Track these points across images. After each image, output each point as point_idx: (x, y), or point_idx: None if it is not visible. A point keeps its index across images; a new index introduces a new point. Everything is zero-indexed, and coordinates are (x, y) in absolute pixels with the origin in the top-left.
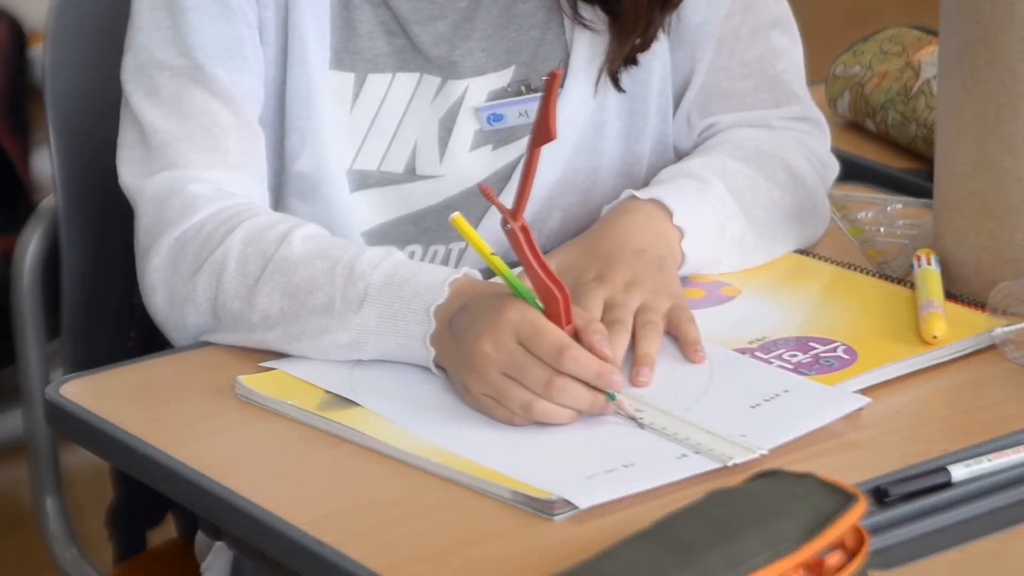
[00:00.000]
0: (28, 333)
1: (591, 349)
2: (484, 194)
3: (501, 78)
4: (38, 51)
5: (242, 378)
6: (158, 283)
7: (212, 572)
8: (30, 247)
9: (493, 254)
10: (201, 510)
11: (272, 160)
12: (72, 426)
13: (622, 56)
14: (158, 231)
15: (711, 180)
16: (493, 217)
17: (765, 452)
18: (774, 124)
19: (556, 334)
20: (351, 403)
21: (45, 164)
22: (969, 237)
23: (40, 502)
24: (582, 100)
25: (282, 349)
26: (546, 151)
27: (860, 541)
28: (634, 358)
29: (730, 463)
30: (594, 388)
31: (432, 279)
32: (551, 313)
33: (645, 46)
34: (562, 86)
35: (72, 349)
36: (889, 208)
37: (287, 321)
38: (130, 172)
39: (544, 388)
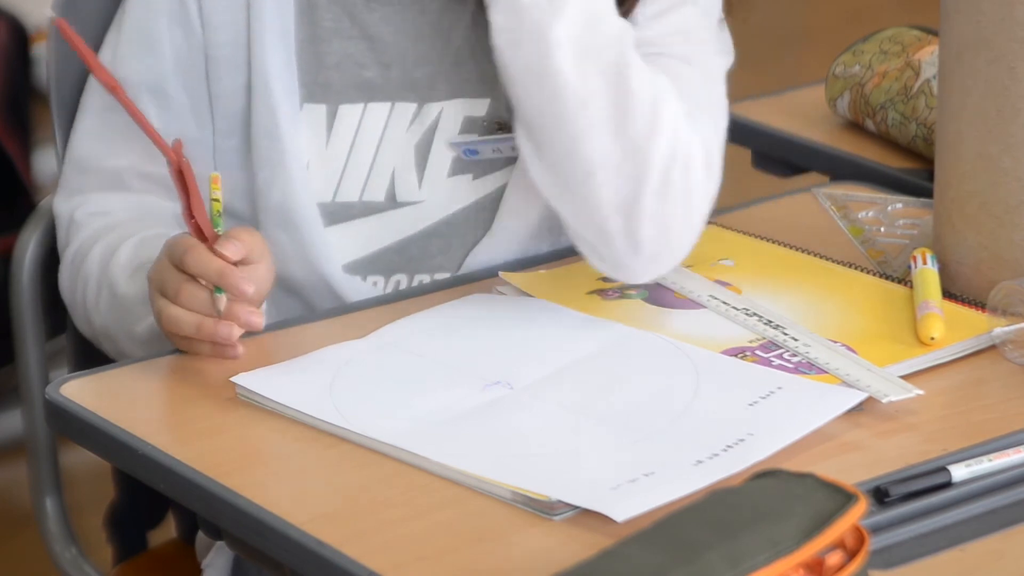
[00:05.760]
0: (28, 333)
1: (216, 252)
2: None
3: (476, 107)
4: (41, 49)
5: (242, 378)
6: (68, 304)
7: (212, 571)
8: (30, 247)
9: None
10: (201, 510)
11: (245, 195)
12: (72, 426)
13: None
14: (60, 255)
15: None
16: (483, 246)
17: (922, 392)
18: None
19: (188, 241)
20: None
21: (45, 164)
22: (969, 237)
23: (40, 502)
24: None
25: (139, 346)
26: (523, 195)
27: (860, 541)
28: None
29: (885, 400)
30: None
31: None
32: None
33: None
34: None
35: (76, 348)
36: (889, 208)
37: (118, 325)
38: (58, 193)
39: (175, 295)
